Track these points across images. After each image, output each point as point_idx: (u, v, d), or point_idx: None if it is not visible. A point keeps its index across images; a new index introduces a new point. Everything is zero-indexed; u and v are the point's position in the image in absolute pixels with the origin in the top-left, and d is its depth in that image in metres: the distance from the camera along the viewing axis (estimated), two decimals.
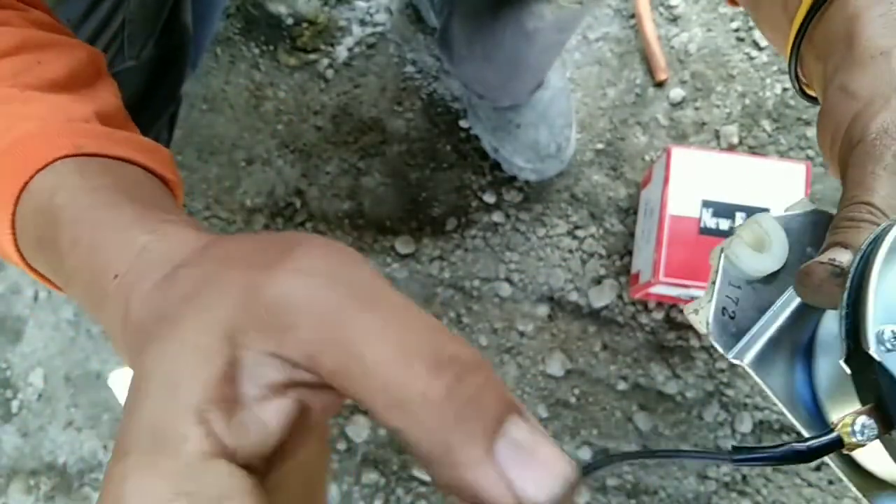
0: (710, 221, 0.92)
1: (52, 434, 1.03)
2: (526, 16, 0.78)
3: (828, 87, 0.37)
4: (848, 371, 0.28)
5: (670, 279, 0.91)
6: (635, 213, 1.05)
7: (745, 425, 1.00)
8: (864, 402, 0.27)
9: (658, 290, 0.95)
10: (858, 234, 0.30)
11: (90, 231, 0.32)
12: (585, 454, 1.00)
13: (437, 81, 1.10)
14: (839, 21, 0.37)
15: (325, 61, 1.11)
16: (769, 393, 0.31)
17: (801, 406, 0.31)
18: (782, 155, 1.07)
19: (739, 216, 0.92)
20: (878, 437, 0.26)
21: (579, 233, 1.05)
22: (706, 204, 0.92)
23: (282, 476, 0.25)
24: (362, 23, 1.12)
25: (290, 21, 1.12)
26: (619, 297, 1.04)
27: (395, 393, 0.22)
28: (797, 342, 0.30)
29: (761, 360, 0.31)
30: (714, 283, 0.31)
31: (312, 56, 1.11)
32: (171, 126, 0.78)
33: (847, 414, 0.27)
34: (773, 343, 0.31)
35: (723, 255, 0.32)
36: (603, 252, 1.05)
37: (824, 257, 0.30)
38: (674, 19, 1.11)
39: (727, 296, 0.31)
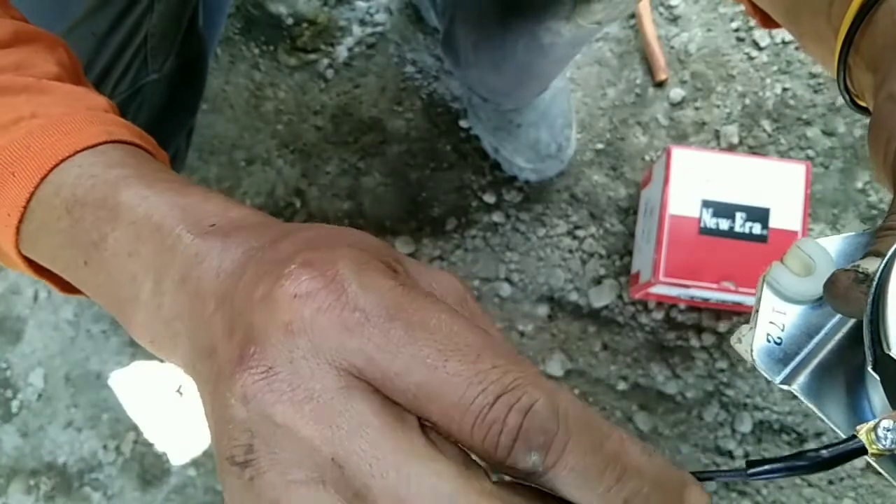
0: (710, 221, 0.92)
1: (52, 434, 1.03)
2: (542, 31, 0.77)
3: (877, 96, 0.35)
4: (877, 378, 0.27)
5: (670, 279, 0.91)
6: (635, 213, 1.05)
7: (745, 425, 1.00)
8: (895, 408, 0.27)
9: (658, 290, 0.95)
10: (893, 241, 0.29)
11: (166, 192, 0.32)
12: None
13: (437, 81, 1.10)
14: (886, 27, 0.36)
15: (325, 61, 1.11)
16: (824, 419, 0.30)
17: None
18: (782, 155, 1.07)
19: (739, 216, 0.92)
20: None
21: (579, 233, 1.05)
22: (706, 204, 0.92)
23: None
24: (362, 23, 1.12)
25: (290, 21, 1.12)
26: (619, 297, 1.04)
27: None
28: (855, 366, 0.29)
29: (813, 385, 0.30)
30: (757, 311, 0.31)
31: (312, 56, 1.11)
32: (189, 138, 0.78)
33: (873, 420, 0.26)
34: (826, 367, 0.30)
35: (764, 282, 0.31)
36: (603, 252, 1.05)
37: (851, 265, 0.30)
38: (674, 19, 1.11)
39: (771, 322, 0.30)
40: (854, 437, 0.26)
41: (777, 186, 0.93)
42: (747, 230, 0.92)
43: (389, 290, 0.25)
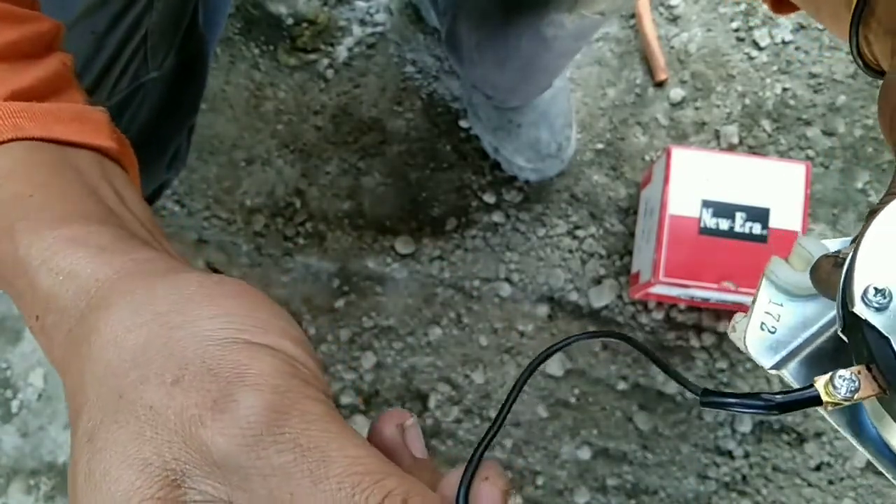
0: (710, 221, 0.92)
1: (52, 434, 1.03)
2: (545, 24, 0.77)
3: (891, 62, 0.34)
4: (845, 340, 0.28)
5: (670, 279, 0.91)
6: (635, 213, 1.05)
7: (745, 425, 1.00)
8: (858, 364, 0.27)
9: (658, 290, 0.95)
10: None
11: (2, 265, 0.33)
12: (585, 454, 1.01)
13: (437, 81, 1.10)
14: None
15: (325, 61, 1.11)
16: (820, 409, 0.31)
17: (854, 421, 0.30)
18: (782, 155, 1.07)
19: (739, 216, 0.92)
20: (857, 391, 0.26)
21: (579, 233, 1.05)
22: (706, 204, 0.92)
23: None
24: (362, 23, 1.12)
25: (290, 21, 1.12)
26: (619, 297, 1.04)
27: None
28: (846, 358, 0.29)
29: (803, 372, 0.31)
30: (754, 301, 0.31)
31: (312, 56, 1.11)
32: (190, 136, 0.79)
33: (832, 372, 0.27)
34: (818, 357, 0.31)
35: (763, 275, 0.32)
36: (603, 252, 1.05)
37: (834, 252, 0.30)
38: (674, 19, 1.11)
39: (767, 312, 0.31)
40: (811, 386, 0.27)
41: (777, 186, 0.93)
42: (747, 230, 0.92)
43: None
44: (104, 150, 0.39)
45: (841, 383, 0.27)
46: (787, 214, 0.92)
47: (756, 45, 1.10)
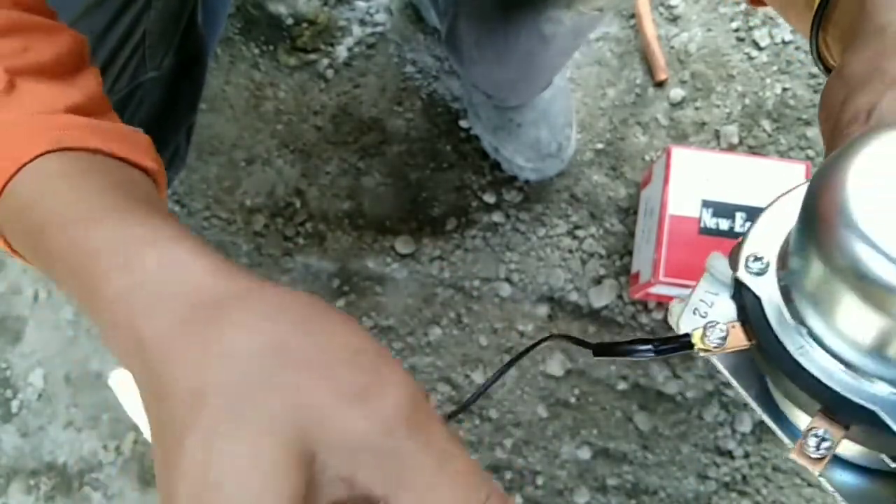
0: (710, 221, 0.92)
1: (52, 434, 1.03)
2: (543, 20, 0.77)
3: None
4: (735, 306, 0.31)
5: (670, 279, 0.91)
6: (635, 213, 1.05)
7: (745, 425, 1.00)
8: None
9: (658, 290, 0.95)
10: None
11: (81, 243, 0.33)
12: (585, 454, 1.01)
13: (437, 81, 1.10)
14: (851, 4, 0.35)
15: (325, 61, 1.11)
16: (734, 385, 0.34)
17: (769, 402, 0.34)
18: (782, 155, 1.07)
19: (739, 216, 0.92)
20: (725, 339, 0.30)
21: (579, 233, 1.05)
22: (706, 204, 0.92)
23: None
24: (362, 23, 1.12)
25: (290, 21, 1.12)
26: (619, 297, 1.04)
27: None
28: None
29: (729, 356, 0.33)
30: (693, 290, 0.34)
31: (312, 56, 1.11)
32: (189, 135, 0.79)
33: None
34: None
35: (705, 268, 0.35)
36: (603, 252, 1.05)
37: None
38: (674, 19, 1.11)
39: (701, 300, 0.33)
40: (688, 334, 0.32)
41: (777, 186, 0.92)
42: (747, 230, 0.92)
43: None
44: (149, 171, 0.40)
45: (712, 332, 0.31)
46: None
47: (756, 45, 1.10)
